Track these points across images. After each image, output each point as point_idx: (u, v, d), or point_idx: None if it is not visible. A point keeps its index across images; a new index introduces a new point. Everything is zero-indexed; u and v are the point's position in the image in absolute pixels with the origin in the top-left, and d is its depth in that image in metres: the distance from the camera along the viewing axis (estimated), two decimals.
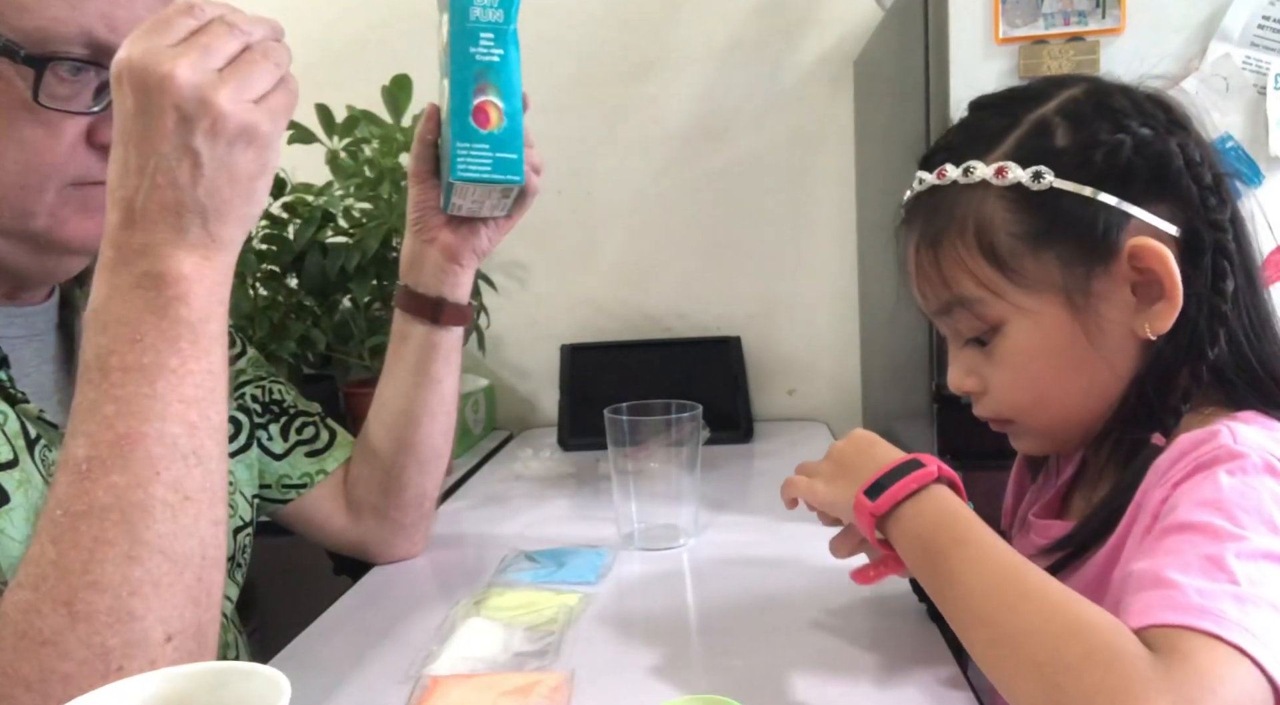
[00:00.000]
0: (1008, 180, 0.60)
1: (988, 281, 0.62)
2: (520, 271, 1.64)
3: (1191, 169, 0.59)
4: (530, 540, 0.99)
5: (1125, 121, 0.60)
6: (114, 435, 0.51)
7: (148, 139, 0.52)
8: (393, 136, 1.28)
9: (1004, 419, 0.67)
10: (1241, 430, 0.54)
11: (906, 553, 0.59)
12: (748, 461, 1.35)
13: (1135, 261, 0.58)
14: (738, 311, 1.61)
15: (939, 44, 0.96)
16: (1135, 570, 0.50)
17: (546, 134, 1.61)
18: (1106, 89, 0.63)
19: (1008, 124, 0.63)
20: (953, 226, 0.62)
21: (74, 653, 0.48)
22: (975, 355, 0.66)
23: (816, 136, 1.55)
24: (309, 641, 0.79)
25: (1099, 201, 0.58)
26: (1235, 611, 0.44)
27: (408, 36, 1.58)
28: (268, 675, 0.41)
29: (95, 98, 0.63)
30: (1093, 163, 0.59)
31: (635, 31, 1.56)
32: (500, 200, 0.82)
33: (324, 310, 1.33)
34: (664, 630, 0.76)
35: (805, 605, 0.77)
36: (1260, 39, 0.91)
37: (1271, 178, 0.93)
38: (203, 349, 0.54)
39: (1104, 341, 0.60)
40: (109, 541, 0.50)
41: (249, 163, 0.54)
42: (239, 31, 0.54)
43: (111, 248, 0.54)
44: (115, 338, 0.52)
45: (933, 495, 0.59)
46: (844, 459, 0.66)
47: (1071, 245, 0.59)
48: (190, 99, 0.51)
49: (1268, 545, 0.47)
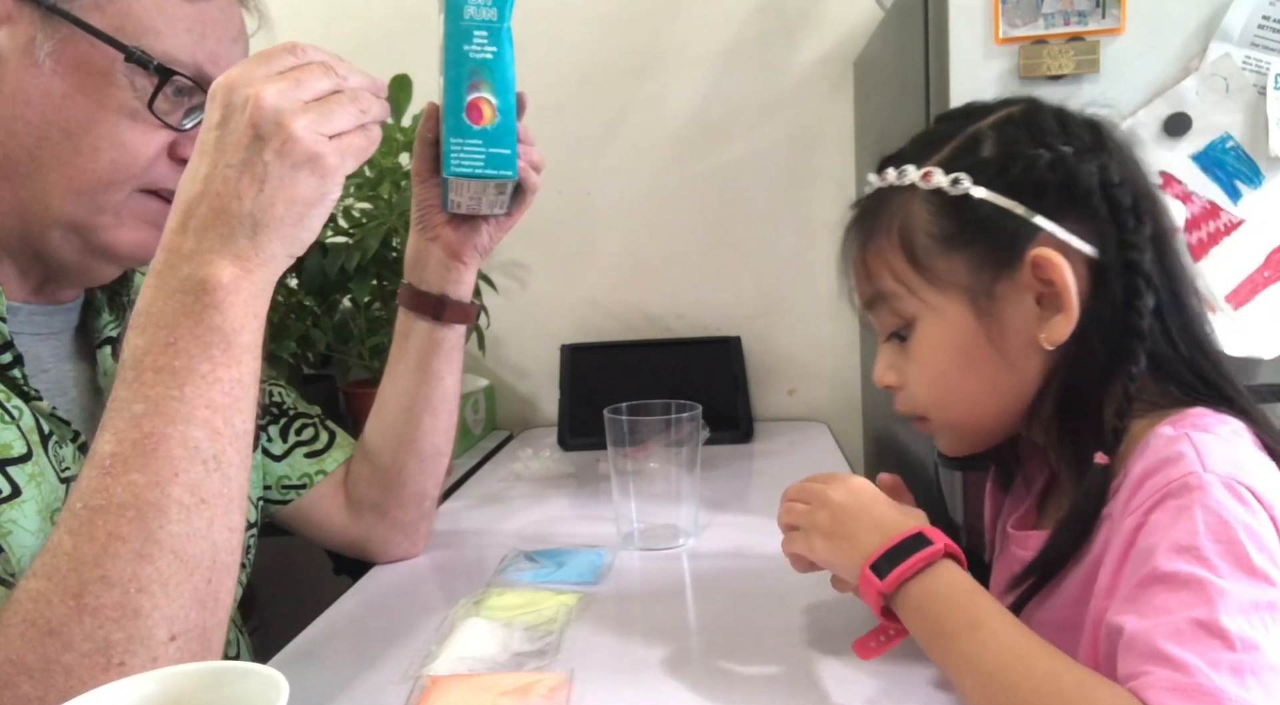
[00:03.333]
0: (931, 184, 0.64)
1: (904, 277, 0.66)
2: (520, 271, 1.64)
3: (1108, 190, 0.61)
4: (530, 540, 0.99)
5: (1047, 139, 0.63)
6: (139, 434, 0.52)
7: (220, 150, 0.56)
8: (393, 136, 1.28)
9: (919, 415, 0.70)
10: (1204, 444, 0.55)
11: (916, 629, 0.59)
12: (748, 461, 1.35)
13: (1038, 272, 0.61)
14: (738, 311, 1.61)
15: (939, 44, 0.96)
16: (1126, 629, 0.50)
17: (546, 134, 1.61)
18: (1041, 110, 0.66)
19: (952, 134, 0.67)
20: (882, 224, 0.67)
21: (78, 645, 0.49)
22: (896, 351, 0.69)
23: (816, 136, 1.55)
24: (308, 641, 0.79)
25: (1010, 211, 0.62)
26: (1236, 688, 0.46)
27: (408, 36, 1.58)
28: (265, 675, 0.41)
29: (185, 117, 0.68)
30: (1009, 174, 0.62)
31: (635, 31, 1.56)
32: (497, 196, 0.82)
33: (324, 310, 1.33)
34: (663, 630, 0.76)
35: (805, 605, 0.77)
36: (1260, 39, 0.91)
37: (1271, 178, 0.93)
38: (234, 357, 0.56)
39: (1006, 346, 0.63)
40: (122, 537, 0.51)
41: (309, 190, 0.57)
42: (334, 75, 0.59)
43: (164, 251, 0.56)
44: (152, 340, 0.54)
45: (941, 573, 0.59)
46: (844, 515, 0.65)
47: (980, 249, 0.63)
48: (269, 120, 0.55)
49: (1252, 595, 0.49)
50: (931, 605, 0.58)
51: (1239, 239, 0.93)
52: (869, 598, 0.61)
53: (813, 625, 0.75)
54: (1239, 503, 0.52)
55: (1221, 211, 0.93)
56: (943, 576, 0.59)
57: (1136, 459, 0.58)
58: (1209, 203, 0.93)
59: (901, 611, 0.60)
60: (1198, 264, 0.93)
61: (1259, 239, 0.93)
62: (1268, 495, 0.53)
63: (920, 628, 0.59)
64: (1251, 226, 0.93)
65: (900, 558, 0.59)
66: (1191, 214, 0.93)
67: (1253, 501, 0.53)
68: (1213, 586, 0.49)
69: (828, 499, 0.66)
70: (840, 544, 0.64)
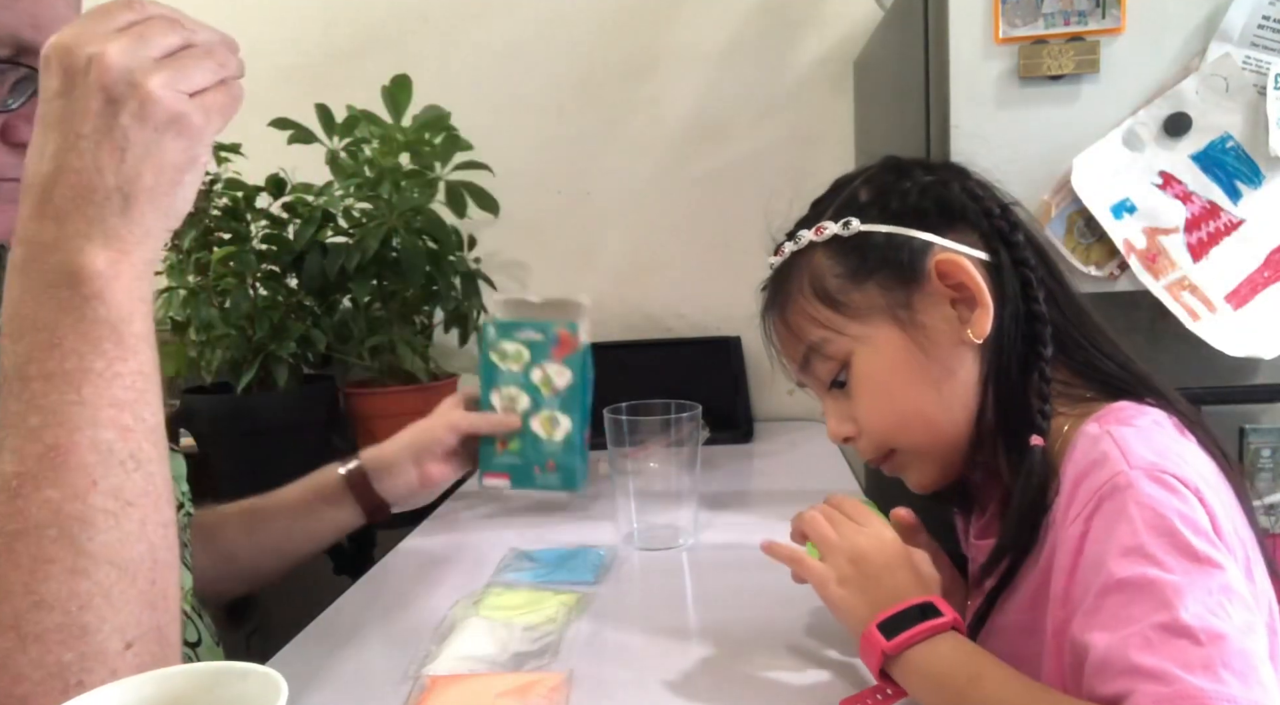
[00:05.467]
0: (826, 234, 0.72)
1: (826, 321, 0.71)
2: (520, 271, 1.64)
3: (977, 202, 0.70)
4: (530, 540, 0.99)
5: (912, 172, 0.72)
6: (42, 447, 0.48)
7: (68, 120, 0.50)
8: (393, 136, 1.28)
9: (884, 452, 0.73)
10: (1124, 439, 0.58)
11: (917, 688, 0.60)
12: (748, 461, 1.34)
13: (945, 279, 0.68)
14: (738, 311, 1.59)
15: (939, 44, 0.96)
16: (1097, 646, 0.51)
17: (546, 134, 1.62)
18: (901, 159, 0.76)
19: (831, 199, 0.75)
20: (794, 285, 0.73)
21: (28, 674, 0.46)
22: (841, 401, 0.73)
23: (816, 136, 1.55)
24: (308, 641, 0.79)
25: (900, 235, 0.69)
26: (1213, 684, 0.47)
27: (408, 36, 1.59)
28: (264, 675, 0.41)
29: (12, 93, 0.60)
30: (889, 208, 0.71)
31: (635, 31, 1.56)
32: None
33: (324, 310, 1.33)
34: (663, 630, 0.76)
35: (805, 605, 0.77)
36: (1260, 39, 0.91)
37: (1271, 178, 0.92)
38: (129, 349, 0.51)
39: (937, 350, 0.68)
40: (50, 558, 0.47)
41: (177, 153, 0.52)
42: (181, 29, 0.52)
43: (21, 244, 0.50)
44: (33, 344, 0.49)
45: (947, 639, 0.60)
46: (869, 571, 0.65)
47: (886, 274, 0.69)
48: (120, 80, 0.49)
49: (1204, 583, 0.51)
50: (935, 665, 0.59)
51: (1239, 239, 0.93)
52: (869, 655, 0.61)
53: (813, 625, 0.75)
54: (1169, 492, 0.54)
55: (1221, 211, 0.93)
56: (949, 642, 0.59)
57: (1068, 461, 0.61)
58: (1209, 203, 0.93)
59: (900, 673, 0.60)
60: (1198, 264, 0.93)
61: (1259, 239, 0.93)
62: (1193, 479, 0.55)
63: (922, 687, 0.59)
64: (1251, 226, 0.93)
65: (909, 624, 0.60)
66: (1191, 214, 0.93)
67: (1180, 488, 0.55)
68: (1167, 585, 0.51)
69: (856, 544, 0.67)
70: (856, 592, 0.64)
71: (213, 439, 1.25)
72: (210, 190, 1.24)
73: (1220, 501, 0.56)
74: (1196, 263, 0.93)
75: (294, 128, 1.29)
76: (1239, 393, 0.96)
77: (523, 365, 1.02)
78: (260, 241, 1.29)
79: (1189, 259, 0.93)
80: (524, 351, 1.03)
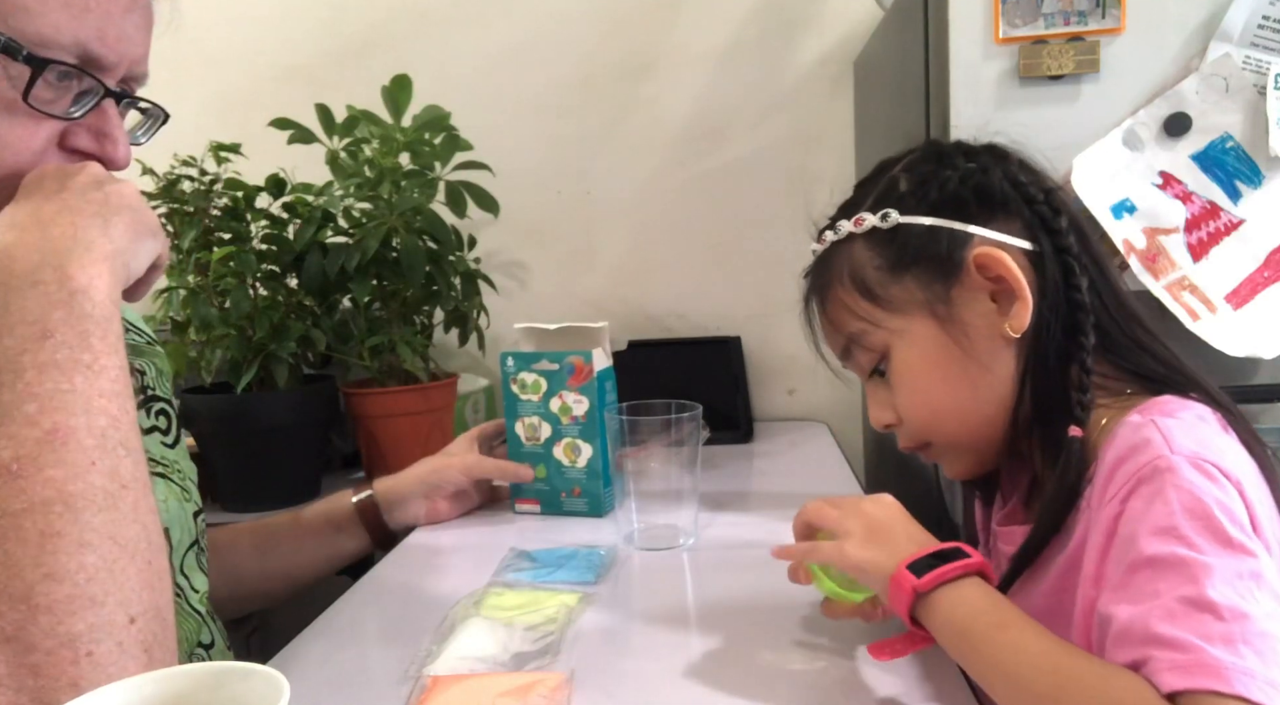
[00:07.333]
0: (865, 226, 0.72)
1: (865, 314, 0.72)
2: (520, 271, 1.64)
3: (1019, 189, 0.69)
4: (530, 540, 0.99)
5: (953, 161, 0.72)
6: (41, 431, 0.51)
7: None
8: (393, 136, 1.28)
9: (922, 442, 0.74)
10: (1169, 428, 0.58)
11: (942, 633, 0.60)
12: (748, 461, 1.34)
13: (984, 271, 0.67)
14: (738, 311, 1.61)
15: (939, 44, 0.96)
16: (1120, 618, 0.52)
17: (546, 134, 1.62)
18: (941, 144, 0.75)
19: (871, 188, 0.74)
20: (833, 277, 0.74)
21: (40, 644, 0.48)
22: (882, 390, 0.74)
23: (816, 137, 1.55)
24: (309, 641, 0.79)
25: (939, 227, 0.69)
26: (1232, 657, 0.47)
27: (408, 36, 1.59)
28: (266, 675, 0.41)
29: (74, 103, 0.63)
30: (929, 198, 0.70)
31: (635, 31, 1.56)
32: None
33: (324, 310, 1.33)
34: (663, 630, 0.76)
35: (805, 605, 0.77)
36: (1260, 39, 0.91)
37: (1271, 178, 0.92)
38: (111, 346, 0.55)
39: (974, 346, 0.68)
40: (57, 533, 0.50)
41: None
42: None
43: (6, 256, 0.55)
44: (23, 337, 0.52)
45: (974, 582, 0.60)
46: (877, 525, 0.66)
47: (924, 267, 0.69)
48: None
49: (1234, 567, 0.51)
50: (961, 609, 0.59)
51: (1239, 239, 0.93)
52: (899, 599, 0.61)
53: (813, 625, 0.75)
54: (1209, 480, 0.55)
55: (1221, 211, 0.93)
56: (976, 585, 0.60)
57: (1108, 447, 0.61)
58: (1209, 203, 0.93)
59: (928, 615, 0.60)
60: (1198, 264, 0.93)
61: (1259, 239, 0.93)
62: (1234, 471, 0.56)
63: (947, 631, 0.59)
64: (1251, 226, 0.93)
65: (940, 562, 0.61)
66: (1191, 214, 0.93)
67: (1221, 478, 0.55)
68: (1196, 563, 0.51)
69: (861, 509, 0.67)
70: (876, 548, 0.65)
71: (212, 439, 1.25)
72: (210, 190, 1.24)
73: (1259, 499, 0.56)
74: (1196, 263, 0.93)
75: (294, 128, 1.29)
76: (1239, 393, 0.96)
77: (541, 395, 1.05)
78: (260, 241, 1.29)
79: (1189, 259, 0.93)
80: (541, 382, 1.05)
